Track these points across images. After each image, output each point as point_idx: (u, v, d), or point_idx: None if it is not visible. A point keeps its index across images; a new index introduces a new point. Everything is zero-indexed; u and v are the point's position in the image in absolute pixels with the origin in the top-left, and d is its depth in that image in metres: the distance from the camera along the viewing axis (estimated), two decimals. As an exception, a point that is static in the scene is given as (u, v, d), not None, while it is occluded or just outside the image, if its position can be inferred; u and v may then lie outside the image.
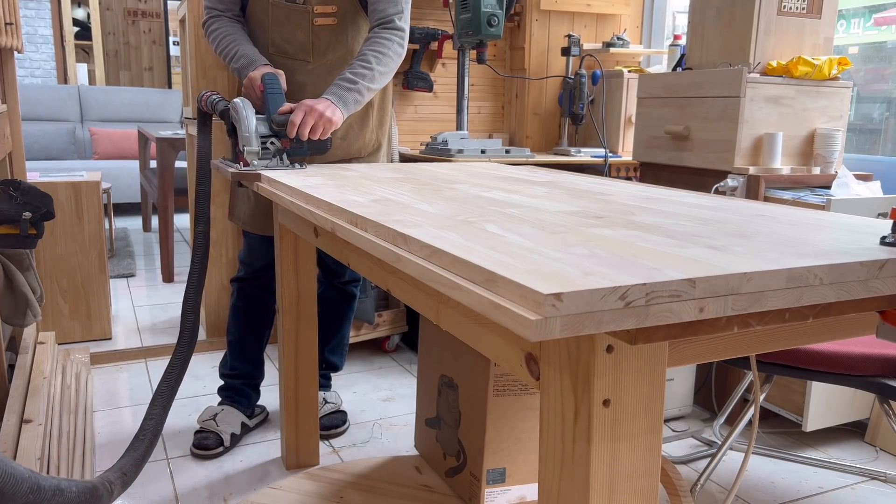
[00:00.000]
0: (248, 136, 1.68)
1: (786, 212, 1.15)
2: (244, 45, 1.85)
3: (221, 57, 1.89)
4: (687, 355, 0.80)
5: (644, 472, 0.74)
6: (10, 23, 2.11)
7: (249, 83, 1.78)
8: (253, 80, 1.77)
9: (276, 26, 1.87)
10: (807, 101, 2.19)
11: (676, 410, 2.30)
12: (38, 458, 1.68)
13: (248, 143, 1.68)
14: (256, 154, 1.69)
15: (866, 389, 1.53)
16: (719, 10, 2.23)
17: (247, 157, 1.68)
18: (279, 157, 1.72)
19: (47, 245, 2.74)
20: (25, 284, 1.84)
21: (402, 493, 1.73)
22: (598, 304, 0.63)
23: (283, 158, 1.72)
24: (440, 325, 0.93)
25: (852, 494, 1.88)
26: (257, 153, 1.69)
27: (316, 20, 1.87)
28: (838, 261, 0.75)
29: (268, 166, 1.70)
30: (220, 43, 1.89)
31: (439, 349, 1.79)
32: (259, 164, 1.69)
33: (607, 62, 3.25)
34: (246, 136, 1.68)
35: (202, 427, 2.02)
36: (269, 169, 1.68)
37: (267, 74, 1.74)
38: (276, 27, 1.88)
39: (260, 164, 1.69)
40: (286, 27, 1.87)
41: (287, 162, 1.73)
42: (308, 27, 1.86)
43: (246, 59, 1.82)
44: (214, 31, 1.90)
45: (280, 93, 1.74)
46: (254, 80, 1.77)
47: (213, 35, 1.90)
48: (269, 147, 1.71)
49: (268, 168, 1.69)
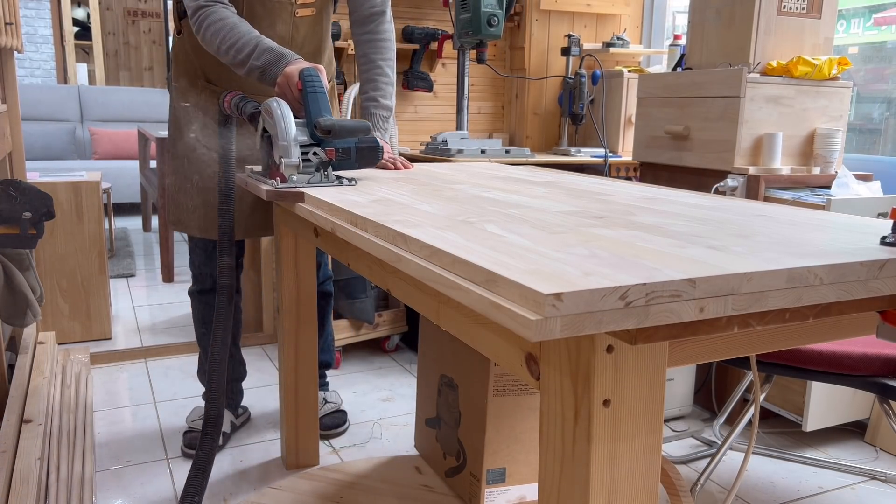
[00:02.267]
0: (285, 145, 1.39)
1: (786, 212, 1.15)
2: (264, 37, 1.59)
3: (230, 53, 1.59)
4: (687, 355, 0.80)
5: (644, 471, 0.74)
6: (10, 23, 2.11)
7: (285, 81, 1.52)
8: (290, 78, 1.51)
9: (255, 19, 1.73)
10: (807, 100, 2.19)
11: (676, 410, 2.30)
12: (38, 457, 1.68)
13: (287, 153, 1.40)
14: (296, 167, 1.41)
15: (866, 389, 1.52)
16: (719, 10, 2.23)
17: (285, 171, 1.40)
18: (323, 171, 1.43)
19: (47, 245, 2.74)
20: (25, 284, 1.84)
21: (402, 494, 1.73)
22: (598, 304, 0.63)
23: (327, 173, 1.44)
24: (440, 325, 0.93)
25: (852, 494, 1.88)
26: (297, 166, 1.41)
27: (297, 12, 1.76)
28: (838, 261, 0.75)
29: (310, 182, 1.42)
30: (228, 35, 1.58)
31: (439, 349, 1.79)
32: (299, 180, 1.41)
33: (607, 62, 3.25)
34: (283, 146, 1.39)
35: (191, 427, 2.02)
36: (311, 186, 1.40)
37: (306, 70, 1.48)
38: (255, 20, 1.72)
39: (300, 180, 1.41)
40: (265, 20, 1.74)
41: (332, 177, 1.44)
42: (289, 19, 1.75)
43: (273, 53, 1.55)
44: (217, 23, 1.59)
45: (323, 92, 1.47)
46: (290, 76, 1.51)
47: (214, 27, 1.59)
48: (312, 159, 1.42)
49: (310, 185, 1.40)
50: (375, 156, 1.49)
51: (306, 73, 1.47)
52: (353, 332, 2.73)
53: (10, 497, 1.49)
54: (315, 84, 1.46)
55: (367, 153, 1.48)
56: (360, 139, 1.46)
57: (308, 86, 1.45)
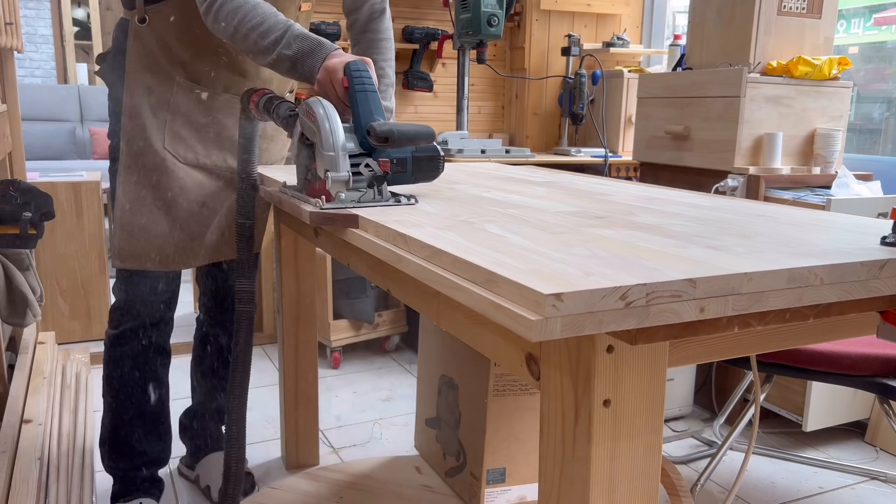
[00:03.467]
0: (332, 155, 1.12)
1: (786, 212, 1.15)
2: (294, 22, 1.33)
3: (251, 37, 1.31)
4: (687, 355, 0.80)
5: (644, 472, 0.74)
6: (10, 23, 2.11)
7: (327, 77, 1.26)
8: (333, 73, 1.24)
9: None
10: (807, 101, 2.19)
11: (677, 410, 2.30)
12: (38, 457, 1.68)
13: (334, 166, 1.12)
14: (346, 183, 1.13)
15: (866, 389, 1.52)
16: (719, 10, 2.23)
17: (331, 188, 1.12)
18: (376, 188, 1.16)
19: (47, 245, 2.74)
20: (25, 284, 1.84)
21: (402, 494, 1.73)
22: (598, 305, 0.63)
23: (381, 189, 1.17)
24: (440, 325, 0.93)
25: (852, 494, 1.88)
26: (347, 181, 1.13)
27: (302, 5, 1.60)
28: (839, 261, 0.75)
29: (361, 201, 1.15)
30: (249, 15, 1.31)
31: (439, 349, 1.79)
32: (348, 198, 1.14)
33: (607, 62, 3.25)
34: (330, 157, 1.12)
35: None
36: (364, 205, 1.14)
37: (353, 64, 1.21)
38: None
39: (349, 198, 1.14)
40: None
41: (388, 194, 1.17)
42: (294, 14, 1.58)
43: (308, 42, 1.29)
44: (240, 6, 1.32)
45: (374, 90, 1.22)
46: (334, 72, 1.24)
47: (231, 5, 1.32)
48: (363, 172, 1.15)
49: (362, 204, 1.14)
50: (436, 167, 1.22)
51: (353, 67, 1.21)
52: (353, 332, 2.73)
53: (9, 497, 1.49)
54: (365, 81, 1.20)
55: (426, 165, 1.21)
56: (417, 147, 1.20)
57: (356, 83, 1.20)
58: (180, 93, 1.52)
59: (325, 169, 1.14)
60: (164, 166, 1.51)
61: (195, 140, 1.54)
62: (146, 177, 1.51)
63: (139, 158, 1.50)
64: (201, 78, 1.53)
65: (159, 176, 1.51)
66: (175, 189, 1.52)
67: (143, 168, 1.50)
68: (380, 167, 1.16)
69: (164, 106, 1.51)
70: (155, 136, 1.50)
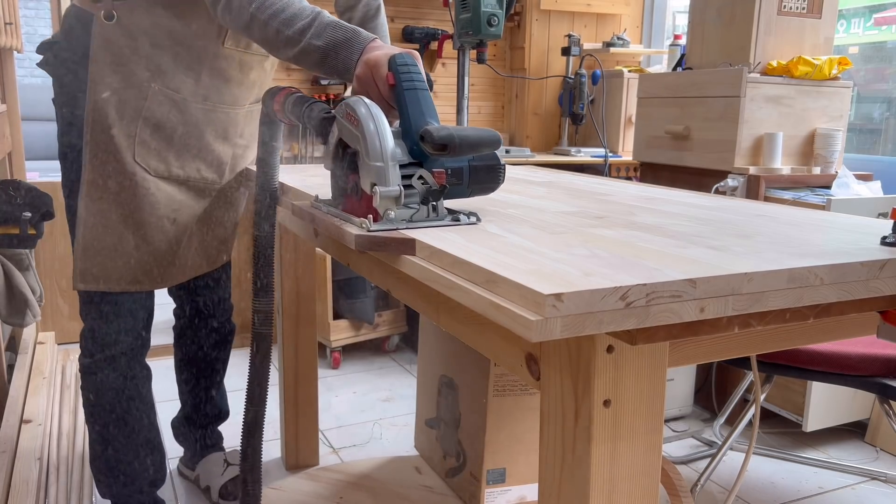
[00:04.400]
0: (381, 166, 0.94)
1: (786, 212, 1.15)
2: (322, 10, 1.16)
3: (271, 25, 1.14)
4: (687, 355, 0.80)
5: (644, 472, 0.74)
6: (9, 23, 2.11)
7: (368, 73, 1.06)
8: (375, 68, 1.05)
9: None
10: (807, 100, 2.19)
11: (677, 410, 2.30)
12: (38, 458, 1.67)
13: (383, 179, 0.95)
14: (396, 199, 0.95)
15: (866, 389, 1.52)
16: (719, 10, 2.23)
17: (380, 205, 0.94)
18: (431, 204, 0.98)
19: (47, 245, 2.74)
20: (25, 284, 1.84)
21: (402, 494, 1.73)
22: (598, 305, 0.63)
23: (437, 206, 0.98)
24: (440, 325, 0.93)
25: (852, 494, 1.88)
26: (398, 197, 0.95)
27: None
28: (839, 261, 0.75)
29: (413, 219, 0.96)
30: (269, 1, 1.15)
31: (439, 349, 1.78)
32: (398, 217, 0.95)
33: (607, 62, 3.25)
34: (378, 168, 0.94)
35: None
36: (418, 225, 0.95)
37: (399, 57, 1.03)
38: None
39: (400, 217, 0.95)
40: None
41: (444, 212, 0.99)
42: None
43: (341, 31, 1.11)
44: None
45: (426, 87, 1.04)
46: (376, 66, 1.05)
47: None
48: (416, 185, 0.97)
49: (415, 223, 0.96)
50: (495, 178, 1.05)
51: (400, 60, 1.03)
52: (353, 333, 2.73)
53: (9, 497, 1.49)
54: (414, 77, 1.02)
55: (485, 175, 1.04)
56: (474, 156, 1.03)
57: (404, 79, 1.02)
58: (154, 101, 1.37)
59: (371, 182, 0.95)
60: (132, 182, 1.38)
61: (168, 150, 1.42)
62: (112, 193, 1.38)
63: (104, 172, 1.37)
64: (179, 85, 1.38)
65: (127, 192, 1.38)
66: (145, 206, 1.40)
67: (108, 183, 1.37)
68: (435, 180, 0.96)
69: (134, 115, 1.36)
70: (124, 149, 1.37)
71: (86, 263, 1.39)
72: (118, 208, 1.39)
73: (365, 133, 0.95)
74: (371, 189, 0.95)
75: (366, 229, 0.92)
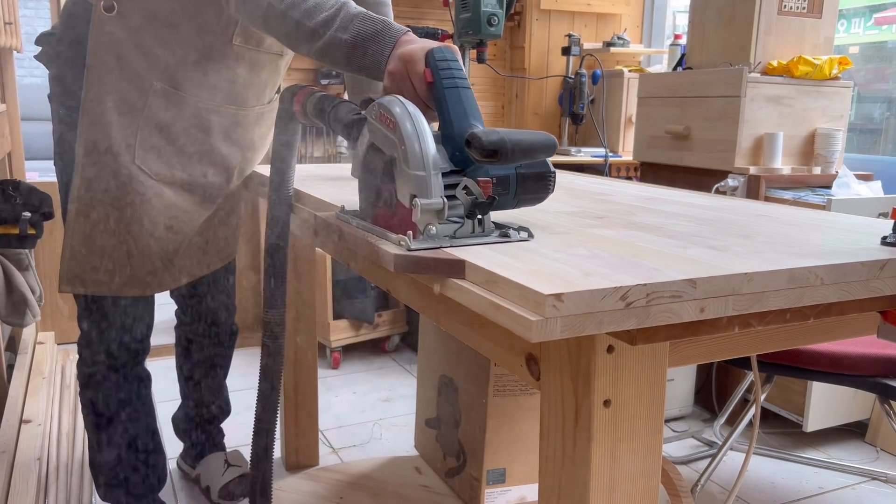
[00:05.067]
0: (422, 176, 0.84)
1: (786, 212, 1.15)
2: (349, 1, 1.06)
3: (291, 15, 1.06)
4: (688, 355, 0.79)
5: (645, 472, 0.74)
6: (9, 22, 2.11)
7: (402, 68, 0.95)
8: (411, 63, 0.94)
9: None
10: (807, 100, 2.19)
11: (677, 411, 2.30)
12: (38, 458, 1.67)
13: (425, 189, 0.84)
14: (440, 213, 0.83)
15: (867, 390, 1.52)
16: (720, 10, 2.23)
17: (420, 220, 0.83)
18: (478, 218, 0.86)
19: (46, 245, 2.74)
20: (24, 284, 1.84)
21: (402, 494, 1.73)
22: (598, 305, 0.62)
23: (483, 220, 0.86)
24: (440, 325, 0.93)
25: (853, 495, 1.88)
26: (441, 211, 0.83)
27: None
28: (839, 261, 0.75)
29: (456, 235, 0.84)
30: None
31: (439, 349, 1.78)
32: (440, 232, 0.83)
33: (607, 62, 3.25)
34: (419, 178, 0.84)
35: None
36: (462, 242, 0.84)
37: (437, 51, 0.93)
38: None
39: (442, 232, 0.84)
40: None
41: (491, 226, 0.88)
42: None
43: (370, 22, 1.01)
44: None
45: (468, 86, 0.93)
46: (412, 61, 0.94)
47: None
48: (460, 198, 0.85)
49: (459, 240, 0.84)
50: (544, 188, 0.94)
51: (439, 55, 0.92)
52: (353, 333, 2.73)
53: (9, 497, 1.49)
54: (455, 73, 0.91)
55: (533, 185, 0.93)
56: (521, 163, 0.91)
57: (444, 76, 0.91)
58: (156, 99, 1.30)
59: (410, 194, 0.84)
60: (130, 185, 1.31)
61: (171, 152, 1.35)
62: (105, 194, 1.31)
63: (101, 172, 1.30)
64: (183, 83, 1.31)
65: (124, 195, 1.31)
66: (140, 211, 1.33)
67: (104, 183, 1.31)
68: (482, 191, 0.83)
69: (135, 114, 1.29)
70: (122, 149, 1.29)
71: (72, 266, 1.34)
72: (110, 211, 1.32)
73: (403, 137, 0.85)
74: (411, 201, 0.84)
75: (405, 248, 0.81)
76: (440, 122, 0.91)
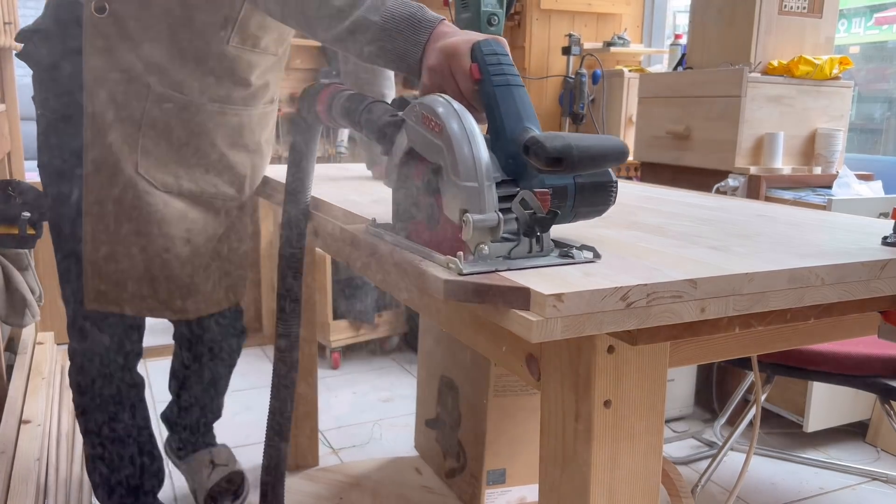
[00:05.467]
0: (475, 188, 0.72)
1: (787, 212, 1.15)
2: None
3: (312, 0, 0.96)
4: (688, 356, 0.79)
5: (645, 472, 0.73)
6: (8, 22, 2.11)
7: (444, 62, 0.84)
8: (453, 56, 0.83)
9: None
10: (808, 100, 2.18)
11: (677, 411, 2.30)
12: (37, 458, 1.67)
13: (478, 203, 0.72)
14: (495, 230, 0.72)
15: (867, 390, 1.52)
16: (720, 10, 2.22)
17: (472, 239, 0.72)
18: (536, 236, 0.74)
19: (46, 245, 2.73)
20: (24, 284, 1.83)
21: (402, 495, 1.73)
22: (599, 305, 0.62)
23: (542, 239, 0.74)
24: (440, 325, 0.92)
25: (853, 495, 1.88)
26: (496, 228, 0.72)
27: None
28: (840, 261, 0.75)
29: (512, 255, 0.73)
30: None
31: (439, 350, 1.78)
32: (493, 252, 0.72)
33: (608, 62, 3.24)
34: (471, 190, 0.72)
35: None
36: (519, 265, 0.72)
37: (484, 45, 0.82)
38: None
39: (495, 252, 0.72)
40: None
41: (550, 245, 0.75)
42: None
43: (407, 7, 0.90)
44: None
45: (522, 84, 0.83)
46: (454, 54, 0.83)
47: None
48: (517, 212, 0.73)
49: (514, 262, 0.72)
50: (605, 200, 0.84)
51: (487, 48, 0.82)
52: (353, 333, 2.73)
53: (8, 498, 1.48)
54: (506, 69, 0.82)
55: (593, 196, 0.83)
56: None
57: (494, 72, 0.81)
58: (156, 104, 1.22)
59: (460, 208, 0.73)
60: (136, 196, 1.23)
61: (175, 161, 1.27)
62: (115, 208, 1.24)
63: (106, 184, 1.23)
64: (183, 85, 1.23)
65: (132, 208, 1.24)
66: (153, 224, 1.25)
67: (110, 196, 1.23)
68: (540, 203, 0.71)
69: (134, 120, 1.22)
70: (125, 158, 1.22)
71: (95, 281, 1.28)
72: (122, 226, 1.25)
73: (452, 143, 0.73)
74: (461, 217, 0.72)
75: (456, 271, 0.69)
76: (490, 125, 0.82)
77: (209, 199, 1.33)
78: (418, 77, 0.89)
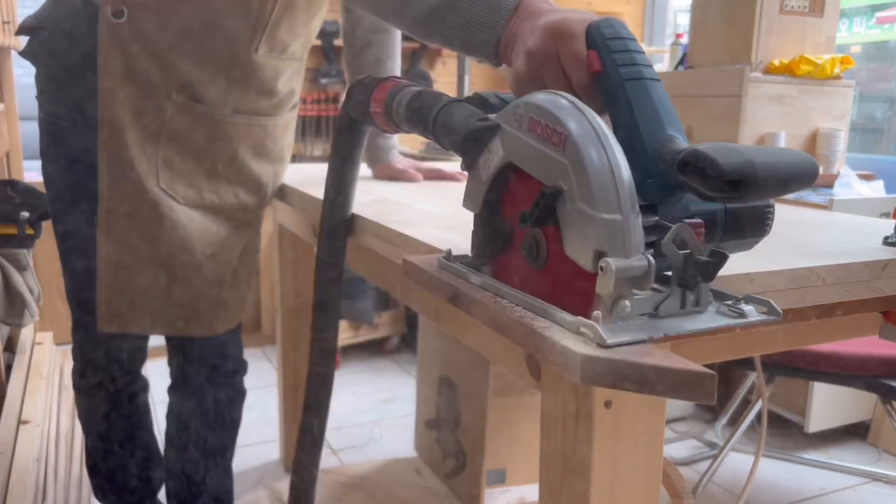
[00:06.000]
0: (617, 222, 0.53)
1: (788, 212, 1.14)
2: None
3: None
4: (689, 356, 0.79)
5: (645, 473, 0.73)
6: (7, 21, 2.11)
7: (551, 44, 0.67)
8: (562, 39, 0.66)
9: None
10: (809, 100, 2.18)
11: (678, 411, 2.30)
12: (36, 458, 1.67)
13: (620, 243, 0.53)
14: (643, 280, 0.53)
15: (869, 390, 1.52)
16: (721, 9, 2.22)
17: (612, 291, 0.52)
18: (691, 285, 0.55)
19: (45, 245, 2.73)
20: (23, 284, 1.83)
21: (402, 496, 1.72)
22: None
23: (700, 291, 0.56)
24: (440, 325, 0.92)
25: (854, 496, 1.88)
26: (647, 276, 0.53)
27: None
28: (841, 261, 0.74)
29: (661, 313, 0.56)
30: None
31: (439, 350, 1.78)
32: (636, 309, 0.54)
33: (608, 62, 3.24)
34: (611, 225, 0.53)
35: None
36: (675, 328, 0.55)
37: (606, 22, 0.66)
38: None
39: (637, 309, 0.54)
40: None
41: (708, 297, 0.58)
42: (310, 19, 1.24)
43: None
44: None
45: (657, 78, 0.63)
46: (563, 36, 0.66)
47: None
48: (668, 253, 0.54)
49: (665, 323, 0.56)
50: (761, 230, 0.65)
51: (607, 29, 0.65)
52: (353, 333, 2.73)
53: (7, 498, 1.48)
54: (637, 58, 0.63)
55: (746, 225, 0.64)
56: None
57: (621, 62, 0.63)
58: (177, 115, 1.16)
59: (595, 249, 0.54)
60: (158, 212, 1.17)
61: (197, 173, 1.21)
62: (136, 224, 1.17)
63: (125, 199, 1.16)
64: (205, 95, 1.16)
65: (153, 225, 1.18)
66: (175, 240, 1.19)
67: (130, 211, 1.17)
68: (692, 238, 0.54)
69: (155, 132, 1.16)
70: (146, 173, 1.16)
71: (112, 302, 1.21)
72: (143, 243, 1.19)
73: (584, 160, 0.53)
74: (597, 262, 0.53)
75: (594, 341, 0.52)
76: (617, 133, 0.62)
77: (231, 210, 1.27)
78: (495, 63, 0.74)
